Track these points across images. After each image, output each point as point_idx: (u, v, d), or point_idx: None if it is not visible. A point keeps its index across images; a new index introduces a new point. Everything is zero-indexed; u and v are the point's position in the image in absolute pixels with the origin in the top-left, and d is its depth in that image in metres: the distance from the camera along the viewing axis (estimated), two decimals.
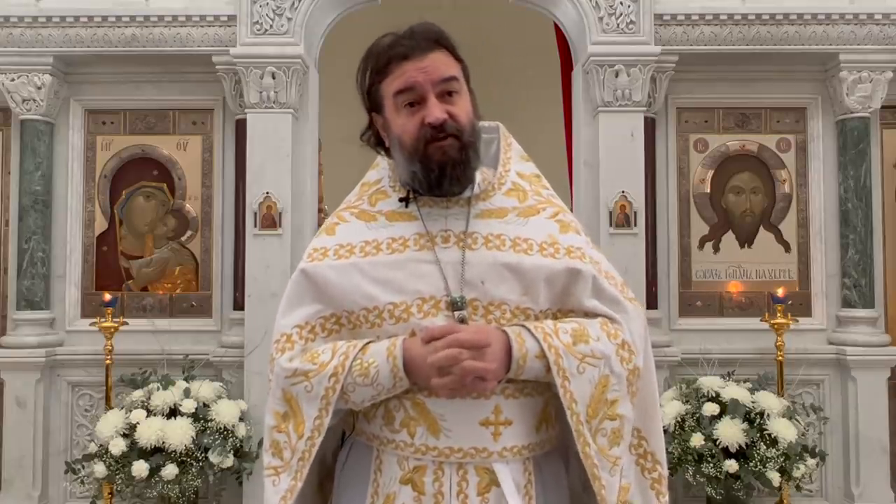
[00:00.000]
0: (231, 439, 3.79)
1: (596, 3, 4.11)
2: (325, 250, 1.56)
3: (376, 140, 1.59)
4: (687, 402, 3.89)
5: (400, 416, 1.48)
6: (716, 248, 4.41)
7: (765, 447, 3.70)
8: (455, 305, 1.45)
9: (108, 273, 4.39)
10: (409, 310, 1.46)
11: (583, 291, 1.50)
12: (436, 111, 1.44)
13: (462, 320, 1.45)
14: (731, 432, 3.69)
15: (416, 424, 1.46)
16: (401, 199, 1.56)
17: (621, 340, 1.49)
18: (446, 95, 1.47)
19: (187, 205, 4.41)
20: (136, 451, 3.69)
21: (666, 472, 1.58)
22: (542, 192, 1.62)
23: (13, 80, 4.19)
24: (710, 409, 3.78)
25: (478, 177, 1.54)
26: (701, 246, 4.41)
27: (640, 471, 1.55)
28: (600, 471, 1.45)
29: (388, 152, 1.59)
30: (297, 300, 1.55)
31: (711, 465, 3.69)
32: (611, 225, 4.08)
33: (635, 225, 4.10)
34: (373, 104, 1.55)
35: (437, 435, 1.45)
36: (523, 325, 1.45)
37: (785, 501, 3.94)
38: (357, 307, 1.49)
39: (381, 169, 1.65)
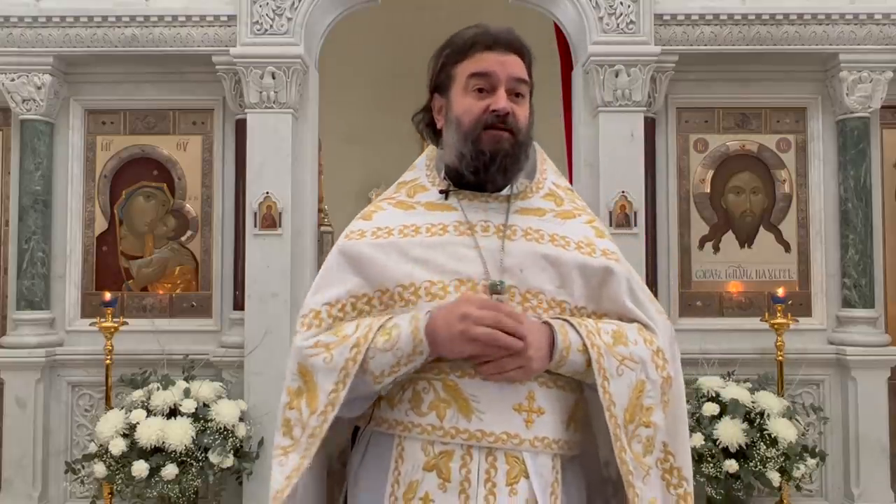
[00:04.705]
0: (231, 439, 3.79)
1: (596, 2, 4.11)
2: (363, 232, 1.55)
3: (427, 121, 1.63)
4: (687, 402, 3.88)
5: (429, 399, 1.43)
6: (716, 248, 4.41)
7: (765, 447, 3.70)
8: (494, 289, 1.44)
9: (108, 273, 4.39)
10: (447, 288, 1.45)
11: (618, 292, 1.51)
12: (503, 101, 1.50)
13: None
14: (731, 432, 3.69)
15: (446, 406, 1.42)
16: (441, 192, 1.57)
17: (656, 347, 1.49)
18: (514, 96, 1.52)
19: (187, 205, 4.41)
20: (136, 451, 3.69)
21: (692, 490, 1.54)
22: (577, 202, 1.65)
23: (13, 80, 4.19)
24: (710, 409, 3.78)
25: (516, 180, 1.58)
26: (701, 246, 4.41)
27: (665, 486, 1.51)
28: (635, 479, 1.43)
29: (434, 138, 1.63)
30: (330, 278, 1.51)
31: (711, 465, 3.69)
32: (611, 225, 4.06)
33: (635, 225, 4.10)
34: (438, 85, 1.59)
35: (469, 416, 1.41)
36: (565, 320, 1.45)
37: (785, 501, 3.94)
38: (393, 283, 1.47)
39: (417, 169, 1.66)
